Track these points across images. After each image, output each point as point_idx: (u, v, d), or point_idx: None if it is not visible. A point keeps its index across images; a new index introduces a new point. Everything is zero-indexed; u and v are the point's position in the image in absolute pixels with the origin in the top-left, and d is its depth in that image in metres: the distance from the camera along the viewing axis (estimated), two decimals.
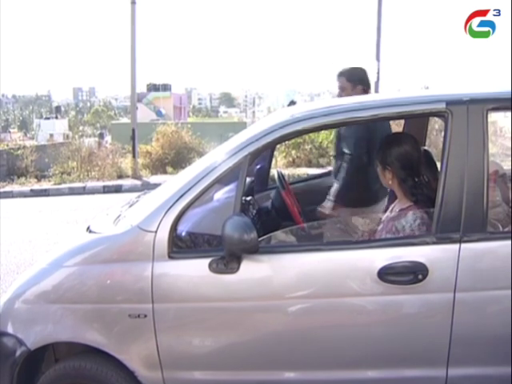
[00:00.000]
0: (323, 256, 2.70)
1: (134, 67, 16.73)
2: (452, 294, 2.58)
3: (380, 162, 3.03)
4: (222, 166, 2.73)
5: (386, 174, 3.02)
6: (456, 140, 2.66)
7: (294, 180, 5.89)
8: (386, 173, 3.02)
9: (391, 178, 3.00)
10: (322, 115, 2.81)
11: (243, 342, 2.77)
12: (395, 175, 2.98)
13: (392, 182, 3.01)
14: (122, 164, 16.91)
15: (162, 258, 2.67)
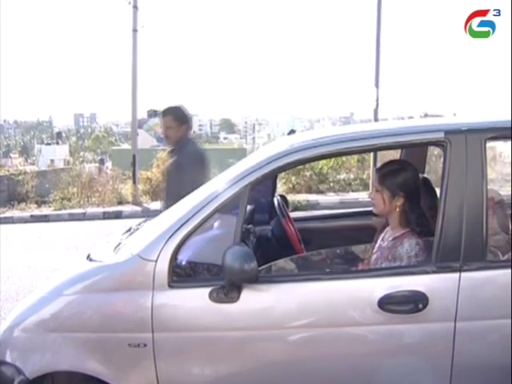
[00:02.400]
0: (323, 285, 2.70)
1: (134, 93, 16.84)
2: (453, 324, 2.58)
3: (388, 187, 2.97)
4: (222, 195, 2.74)
5: (393, 201, 2.97)
6: (455, 169, 2.68)
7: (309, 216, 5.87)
8: (394, 199, 2.97)
9: (399, 205, 2.97)
10: (321, 145, 2.83)
11: (243, 372, 2.76)
12: (405, 202, 2.97)
13: (396, 209, 2.98)
14: (122, 190, 16.90)
15: (162, 288, 2.67)
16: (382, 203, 3.00)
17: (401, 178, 2.97)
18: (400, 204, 2.96)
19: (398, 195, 2.95)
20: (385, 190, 2.98)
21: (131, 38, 16.75)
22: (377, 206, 3.03)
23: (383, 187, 2.98)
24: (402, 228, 2.96)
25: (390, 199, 2.97)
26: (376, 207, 3.05)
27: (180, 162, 4.80)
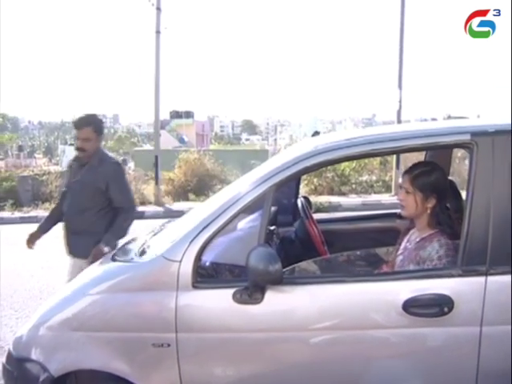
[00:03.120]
0: (347, 288, 2.69)
1: (157, 95, 16.95)
2: (478, 328, 2.55)
3: (420, 189, 2.93)
4: (246, 196, 2.74)
5: (425, 202, 2.93)
6: (481, 171, 2.65)
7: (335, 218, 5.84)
8: (427, 201, 2.93)
9: (430, 207, 2.94)
10: (346, 147, 2.82)
11: (266, 374, 2.75)
12: (437, 202, 2.95)
13: (427, 211, 2.94)
14: (144, 191, 17.01)
15: (186, 288, 2.68)
16: (413, 205, 2.95)
17: (433, 179, 2.94)
18: (431, 205, 2.92)
19: (431, 196, 2.93)
20: (417, 191, 2.93)
21: (154, 39, 16.87)
22: (408, 208, 2.98)
23: (415, 189, 2.94)
24: (431, 229, 2.93)
25: (423, 201, 2.93)
26: (406, 209, 2.99)
27: (108, 178, 4.39)
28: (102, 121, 4.71)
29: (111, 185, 4.37)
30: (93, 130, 4.39)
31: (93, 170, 4.41)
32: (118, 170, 4.57)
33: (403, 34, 16.85)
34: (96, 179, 4.37)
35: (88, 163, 4.45)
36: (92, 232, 4.36)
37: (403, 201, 2.99)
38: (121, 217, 4.42)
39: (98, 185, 4.37)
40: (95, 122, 4.50)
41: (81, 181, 4.44)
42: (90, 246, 4.26)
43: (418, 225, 3.03)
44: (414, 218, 3.04)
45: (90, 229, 4.39)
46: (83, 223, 4.43)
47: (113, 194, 4.39)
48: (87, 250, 4.26)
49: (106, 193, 4.38)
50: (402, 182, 3.01)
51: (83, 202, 4.43)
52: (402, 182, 3.01)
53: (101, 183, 4.36)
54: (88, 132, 4.37)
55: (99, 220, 4.44)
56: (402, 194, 2.99)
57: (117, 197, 4.41)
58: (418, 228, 3.04)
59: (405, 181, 2.99)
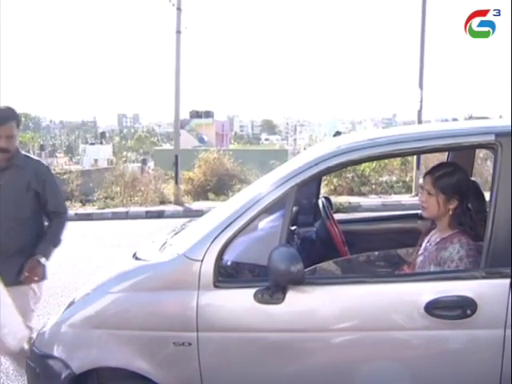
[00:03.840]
0: (369, 288, 2.68)
1: (177, 94, 17.02)
2: (502, 331, 2.52)
3: (443, 190, 2.91)
4: (268, 196, 2.74)
5: (447, 204, 2.91)
6: (506, 172, 2.62)
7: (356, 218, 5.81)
8: (449, 202, 2.91)
9: (452, 208, 2.92)
10: (369, 147, 2.81)
11: (286, 374, 2.75)
12: (459, 204, 2.92)
13: (449, 212, 2.92)
14: (164, 190, 17.11)
15: (207, 287, 2.68)
16: (436, 207, 2.93)
17: (455, 180, 2.92)
18: (454, 207, 2.90)
19: (453, 198, 2.90)
20: (440, 193, 2.91)
21: (175, 39, 16.95)
22: (430, 209, 2.96)
23: (438, 190, 2.91)
24: (452, 229, 2.91)
25: (445, 202, 2.91)
26: (428, 211, 2.97)
27: (44, 176, 3.81)
28: (18, 115, 3.81)
29: (47, 185, 3.80)
30: (16, 125, 3.69)
31: (21, 170, 3.73)
32: (49, 168, 4.07)
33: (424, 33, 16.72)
34: (31, 180, 3.72)
35: (10, 166, 3.71)
36: (32, 248, 3.75)
37: (425, 202, 2.97)
38: (56, 222, 3.87)
39: (34, 186, 3.74)
40: (17, 116, 3.76)
41: (11, 186, 3.69)
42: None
43: (440, 225, 3.00)
44: (436, 219, 3.02)
45: (30, 244, 3.76)
46: (23, 239, 3.74)
47: (49, 196, 3.80)
48: (20, 273, 3.65)
49: (42, 196, 3.78)
50: (424, 183, 2.99)
51: (21, 212, 3.73)
52: (424, 183, 2.99)
53: (37, 184, 3.75)
54: (13, 128, 3.63)
55: (41, 231, 3.87)
56: (424, 195, 2.97)
57: (53, 199, 3.82)
58: (439, 229, 3.02)
59: (427, 182, 2.96)
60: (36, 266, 3.66)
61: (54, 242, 3.84)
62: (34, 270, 3.63)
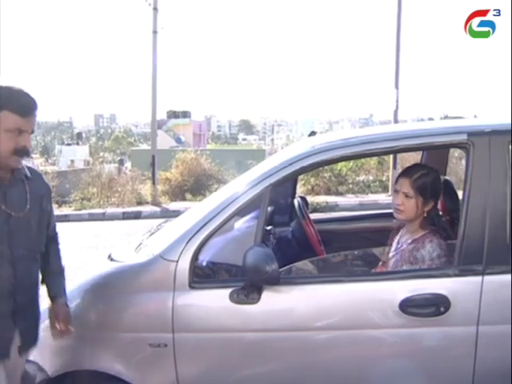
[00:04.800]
0: (344, 287, 2.70)
1: (154, 94, 16.93)
2: (475, 328, 2.55)
3: (422, 193, 2.89)
4: (243, 196, 2.75)
5: (424, 205, 2.90)
6: (478, 171, 2.65)
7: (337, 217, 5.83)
8: (427, 203, 2.91)
9: (427, 210, 2.92)
10: (342, 147, 2.83)
11: (263, 374, 2.76)
12: (434, 205, 2.94)
13: (424, 214, 2.92)
14: (141, 190, 17.01)
15: (183, 288, 2.68)
16: (414, 209, 2.90)
17: (432, 182, 2.92)
18: (429, 209, 2.91)
19: (431, 200, 2.92)
20: (418, 195, 2.89)
21: (151, 39, 16.84)
22: (407, 212, 2.91)
23: (417, 193, 2.88)
24: (423, 230, 2.93)
25: (423, 205, 2.90)
26: (405, 214, 2.92)
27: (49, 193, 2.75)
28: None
29: (50, 202, 2.78)
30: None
31: (32, 184, 2.59)
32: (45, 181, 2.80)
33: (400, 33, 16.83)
34: (44, 196, 2.66)
35: (17, 179, 2.53)
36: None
37: (401, 205, 2.92)
38: (56, 249, 2.96)
39: (45, 205, 2.67)
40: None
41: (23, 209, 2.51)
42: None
43: (412, 227, 2.98)
44: (411, 221, 3.00)
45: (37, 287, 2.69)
46: (36, 280, 2.68)
47: (52, 216, 2.80)
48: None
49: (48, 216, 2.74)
50: (400, 186, 2.94)
51: (36, 244, 2.61)
52: (400, 186, 2.94)
53: (47, 201, 2.71)
54: (35, 120, 2.49)
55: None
56: (400, 198, 2.92)
57: (53, 220, 2.85)
58: (409, 230, 3.01)
59: (403, 185, 2.92)
60: (66, 312, 2.74)
61: (64, 275, 2.89)
62: (67, 319, 2.72)
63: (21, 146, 2.38)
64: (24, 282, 2.51)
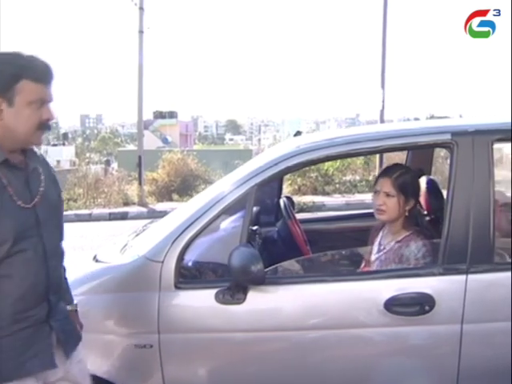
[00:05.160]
0: (330, 287, 2.70)
1: (140, 95, 16.88)
2: (459, 326, 2.57)
3: (402, 190, 2.92)
4: (228, 196, 2.74)
5: (405, 204, 2.93)
6: (462, 171, 2.67)
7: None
8: (408, 202, 2.94)
9: (408, 209, 2.95)
10: (326, 147, 2.83)
11: (249, 373, 2.76)
12: (415, 204, 2.96)
13: (406, 213, 2.95)
14: (128, 191, 16.93)
15: (168, 289, 2.67)
16: (397, 208, 2.92)
17: (411, 180, 2.97)
18: (410, 208, 2.94)
19: (411, 198, 2.95)
20: (400, 194, 2.91)
21: (137, 39, 16.79)
22: (390, 211, 2.94)
23: (398, 191, 2.91)
24: (407, 231, 2.94)
25: (404, 203, 2.93)
26: (388, 213, 2.95)
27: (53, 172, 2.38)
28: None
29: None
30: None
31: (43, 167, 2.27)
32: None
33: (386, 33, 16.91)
34: (55, 183, 2.35)
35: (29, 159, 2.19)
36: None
37: (383, 205, 2.94)
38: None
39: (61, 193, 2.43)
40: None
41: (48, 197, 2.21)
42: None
43: (394, 227, 3.00)
44: (391, 222, 3.02)
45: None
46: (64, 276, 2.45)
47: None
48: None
49: None
50: (381, 186, 2.96)
51: (61, 236, 2.34)
52: (381, 186, 2.96)
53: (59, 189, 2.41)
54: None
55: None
56: (382, 198, 2.94)
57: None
58: (391, 231, 3.03)
59: (384, 184, 2.94)
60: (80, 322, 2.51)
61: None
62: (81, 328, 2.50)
63: (44, 120, 2.11)
64: (55, 281, 2.23)
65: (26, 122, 2.06)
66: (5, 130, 2.04)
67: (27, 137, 2.09)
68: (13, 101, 2.02)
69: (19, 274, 2.06)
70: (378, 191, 2.98)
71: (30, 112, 2.06)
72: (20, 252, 2.05)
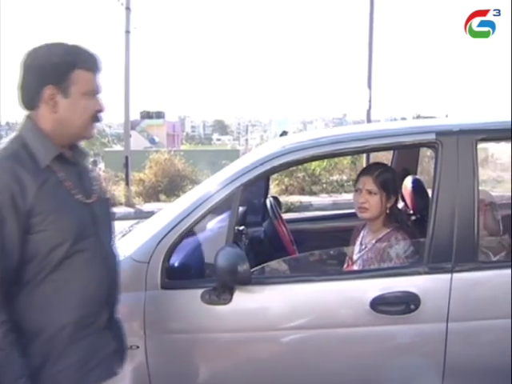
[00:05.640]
0: (316, 287, 2.71)
1: (127, 95, 16.82)
2: (445, 324, 2.59)
3: (383, 187, 2.96)
4: (214, 196, 2.73)
5: (387, 201, 2.98)
6: (446, 170, 2.69)
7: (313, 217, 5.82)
8: (389, 199, 2.98)
9: (389, 207, 2.99)
10: (312, 147, 2.84)
11: (235, 374, 2.75)
12: (395, 202, 2.99)
13: (387, 211, 2.99)
14: (115, 192, 16.84)
15: (154, 289, 2.66)
16: (379, 205, 2.97)
17: (393, 179, 3.02)
18: (391, 205, 2.98)
19: (392, 195, 2.99)
20: (382, 191, 2.96)
21: (124, 39, 16.74)
22: (372, 209, 2.98)
23: (380, 188, 2.96)
24: (387, 228, 2.97)
25: (386, 201, 2.97)
26: (370, 211, 2.99)
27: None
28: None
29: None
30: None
31: (86, 167, 2.20)
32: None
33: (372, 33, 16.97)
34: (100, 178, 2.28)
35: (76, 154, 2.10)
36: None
37: (366, 203, 2.98)
38: None
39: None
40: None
41: (100, 193, 2.14)
42: None
43: (375, 225, 3.04)
44: (373, 220, 3.05)
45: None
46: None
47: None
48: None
49: None
50: (362, 184, 3.00)
51: (113, 236, 2.23)
52: (362, 184, 3.00)
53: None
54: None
55: None
56: (364, 196, 2.98)
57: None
58: (372, 229, 3.07)
59: (366, 182, 2.99)
60: None
61: None
62: None
63: (97, 111, 2.01)
64: (114, 284, 2.13)
65: (81, 113, 1.96)
66: (58, 123, 1.94)
67: (81, 130, 1.99)
68: (68, 91, 1.91)
69: (81, 276, 1.95)
70: (359, 189, 3.02)
71: (86, 103, 1.96)
72: (79, 252, 1.93)
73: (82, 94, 1.94)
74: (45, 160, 1.91)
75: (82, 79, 1.93)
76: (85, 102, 1.95)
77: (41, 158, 1.91)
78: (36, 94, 1.92)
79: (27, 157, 1.89)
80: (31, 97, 1.94)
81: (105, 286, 2.03)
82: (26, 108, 1.97)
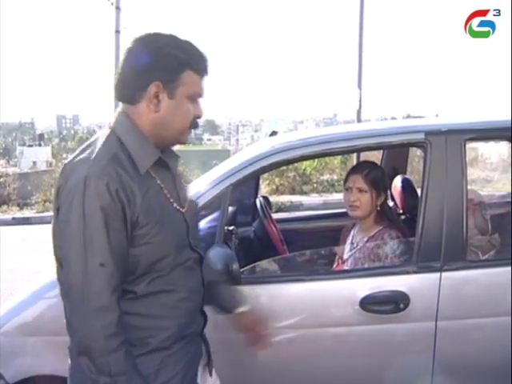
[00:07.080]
0: (306, 286, 2.71)
1: None
2: (434, 323, 2.60)
3: (374, 185, 2.99)
4: (204, 196, 2.73)
5: (376, 199, 3.00)
6: (435, 170, 2.70)
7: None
8: (379, 196, 3.01)
9: (379, 204, 3.01)
10: (301, 146, 2.84)
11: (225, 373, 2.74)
12: (385, 199, 3.01)
13: (377, 208, 3.01)
14: None
15: None
16: (370, 203, 2.99)
17: (382, 176, 3.05)
18: (381, 202, 3.00)
19: (382, 193, 3.01)
20: (372, 189, 2.99)
21: (114, 39, 16.67)
22: (363, 207, 3.00)
23: (370, 186, 2.98)
24: (378, 225, 2.99)
25: (376, 198, 3.00)
26: (361, 209, 3.01)
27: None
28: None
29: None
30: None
31: (180, 172, 2.28)
32: None
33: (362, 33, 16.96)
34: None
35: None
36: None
37: (356, 201, 3.00)
38: None
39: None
40: None
41: (191, 201, 2.09)
42: None
43: (366, 224, 3.07)
44: (364, 218, 3.07)
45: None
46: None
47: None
48: None
49: None
50: (352, 182, 3.02)
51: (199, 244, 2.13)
52: (352, 182, 3.02)
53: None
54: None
55: None
56: (354, 194, 3.01)
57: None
58: (363, 228, 3.09)
59: (356, 181, 3.01)
60: None
61: None
62: None
63: (196, 116, 1.88)
64: (204, 291, 2.02)
65: (183, 117, 1.83)
66: (157, 124, 1.80)
67: (179, 134, 1.86)
68: (174, 92, 1.78)
69: (180, 288, 1.86)
70: (350, 188, 3.03)
71: (189, 107, 1.83)
72: (179, 265, 1.84)
73: (187, 97, 1.82)
74: (146, 164, 1.78)
75: (190, 81, 1.82)
76: (188, 106, 1.83)
77: (141, 162, 1.77)
78: (139, 89, 1.77)
79: (127, 160, 1.74)
80: (133, 90, 1.79)
81: (199, 295, 1.97)
82: (123, 100, 1.84)
